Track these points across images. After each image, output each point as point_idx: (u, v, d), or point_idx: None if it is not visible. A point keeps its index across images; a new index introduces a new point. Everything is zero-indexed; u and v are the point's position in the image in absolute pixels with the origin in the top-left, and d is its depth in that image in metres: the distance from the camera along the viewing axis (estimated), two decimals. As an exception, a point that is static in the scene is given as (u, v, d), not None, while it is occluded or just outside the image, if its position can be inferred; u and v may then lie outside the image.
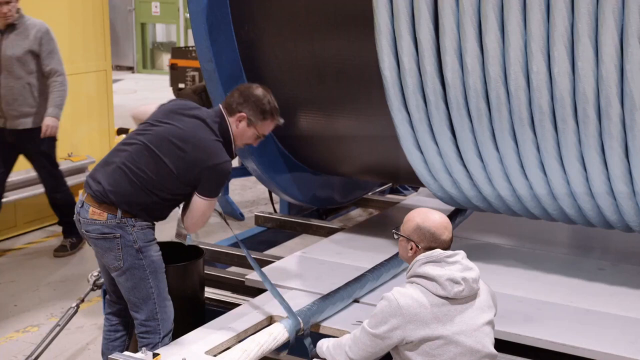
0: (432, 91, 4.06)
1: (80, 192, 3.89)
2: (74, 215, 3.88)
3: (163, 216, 3.89)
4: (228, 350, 3.50)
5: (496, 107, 3.93)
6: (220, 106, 3.94)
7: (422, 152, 4.36)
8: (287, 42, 4.93)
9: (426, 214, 3.28)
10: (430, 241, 3.21)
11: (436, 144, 4.27)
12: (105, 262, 3.82)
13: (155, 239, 3.86)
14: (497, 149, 4.09)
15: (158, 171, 3.74)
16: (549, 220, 4.49)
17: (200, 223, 3.85)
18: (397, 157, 4.73)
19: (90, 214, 3.74)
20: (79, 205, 3.81)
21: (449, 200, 4.68)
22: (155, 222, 3.88)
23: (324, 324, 3.94)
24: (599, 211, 4.11)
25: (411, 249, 3.26)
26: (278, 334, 3.61)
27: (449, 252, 3.20)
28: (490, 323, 3.25)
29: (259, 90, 3.95)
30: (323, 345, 3.49)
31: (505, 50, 3.79)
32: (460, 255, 3.23)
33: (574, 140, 3.82)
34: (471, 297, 3.19)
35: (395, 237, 3.36)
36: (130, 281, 3.79)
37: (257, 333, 3.66)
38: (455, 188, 4.48)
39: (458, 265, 3.17)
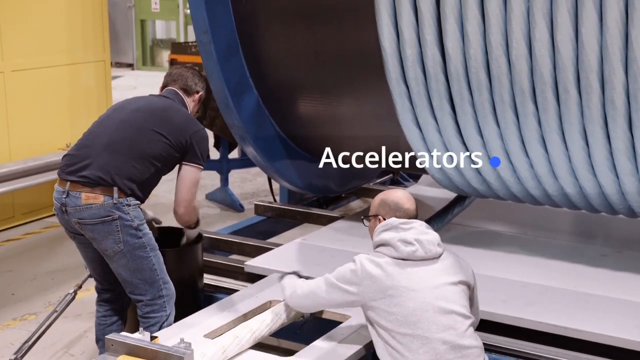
0: (431, 62, 4.00)
1: (57, 185, 3.83)
2: (55, 209, 3.83)
3: (149, 192, 3.93)
4: (220, 337, 3.46)
5: (497, 78, 3.86)
6: (174, 88, 4.11)
7: (420, 129, 4.28)
8: (285, 17, 4.87)
9: (389, 191, 3.49)
10: (395, 211, 3.34)
11: (435, 119, 4.19)
12: (103, 247, 3.77)
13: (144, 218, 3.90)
14: (497, 123, 4.02)
15: (152, 139, 3.81)
16: (549, 204, 4.43)
17: (193, 193, 3.92)
18: (398, 142, 4.68)
19: (84, 199, 3.70)
20: (63, 197, 3.74)
21: (447, 184, 4.58)
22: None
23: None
24: (600, 191, 4.03)
25: (379, 223, 3.36)
26: (271, 320, 3.56)
27: (405, 220, 3.30)
28: (457, 285, 3.23)
29: (190, 70, 4.24)
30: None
31: (507, 17, 3.72)
32: (418, 223, 3.31)
33: (576, 112, 3.75)
34: (430, 258, 3.23)
35: (365, 223, 3.49)
36: (132, 262, 3.76)
37: (250, 319, 3.63)
38: (454, 169, 4.39)
39: (413, 230, 3.25)
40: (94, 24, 7.61)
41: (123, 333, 3.10)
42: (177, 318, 3.85)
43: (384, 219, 3.35)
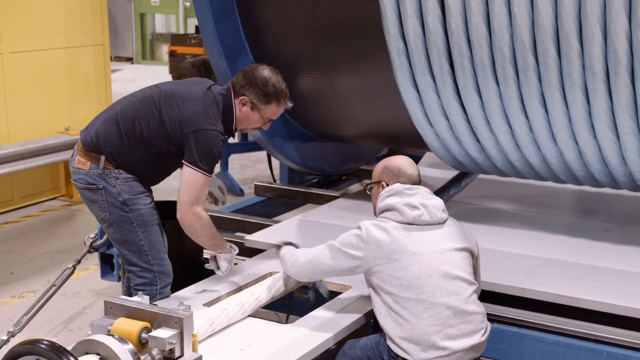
0: (431, 16, 3.92)
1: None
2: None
3: (148, 177, 3.77)
4: (209, 308, 3.44)
5: (497, 30, 3.78)
6: (230, 83, 3.80)
7: (418, 90, 4.21)
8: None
9: (391, 157, 3.50)
10: (398, 176, 3.36)
11: (433, 78, 4.11)
12: (93, 212, 3.80)
13: (145, 191, 3.74)
14: (496, 80, 3.95)
15: (151, 124, 3.65)
16: (549, 175, 4.36)
17: (189, 195, 3.56)
18: (398, 120, 4.65)
19: (76, 162, 3.73)
20: (71, 155, 3.80)
21: (444, 154, 4.50)
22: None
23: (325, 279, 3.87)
24: (600, 155, 3.96)
25: (382, 189, 3.37)
26: (260, 294, 3.54)
27: (409, 186, 3.31)
28: (461, 251, 3.24)
29: (265, 72, 3.72)
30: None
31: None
32: (422, 189, 3.32)
33: (578, 65, 3.67)
34: (435, 224, 3.24)
35: (368, 192, 3.51)
36: (118, 233, 3.75)
37: (240, 292, 3.60)
38: (451, 135, 4.32)
39: (418, 196, 3.27)
40: (92, 7, 7.59)
41: (122, 296, 3.07)
42: (177, 290, 3.82)
43: (387, 185, 3.35)
